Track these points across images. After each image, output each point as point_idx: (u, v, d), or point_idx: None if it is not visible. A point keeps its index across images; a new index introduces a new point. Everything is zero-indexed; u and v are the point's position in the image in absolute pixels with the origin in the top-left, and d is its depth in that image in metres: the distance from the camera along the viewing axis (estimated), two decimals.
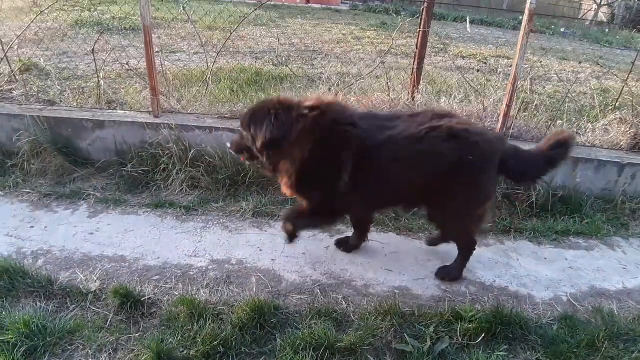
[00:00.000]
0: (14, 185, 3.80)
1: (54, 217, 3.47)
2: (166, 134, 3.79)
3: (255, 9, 5.88)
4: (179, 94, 4.56)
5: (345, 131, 2.65)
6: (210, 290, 2.82)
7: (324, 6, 16.23)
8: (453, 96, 4.81)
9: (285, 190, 2.87)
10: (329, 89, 4.56)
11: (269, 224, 3.53)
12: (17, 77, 5.06)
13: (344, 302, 2.82)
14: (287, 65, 5.89)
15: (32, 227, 3.35)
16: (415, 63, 4.48)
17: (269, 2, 14.34)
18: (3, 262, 2.81)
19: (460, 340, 2.57)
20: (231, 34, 4.90)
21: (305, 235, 3.40)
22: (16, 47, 5.10)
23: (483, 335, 2.57)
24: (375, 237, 3.46)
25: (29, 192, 3.72)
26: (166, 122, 3.85)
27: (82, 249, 3.13)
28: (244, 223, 3.53)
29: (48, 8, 6.07)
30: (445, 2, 14.77)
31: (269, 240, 3.35)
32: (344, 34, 9.81)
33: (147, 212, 3.57)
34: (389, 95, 4.41)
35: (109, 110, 4.10)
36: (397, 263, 3.23)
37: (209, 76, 4.61)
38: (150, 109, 4.02)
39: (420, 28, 4.41)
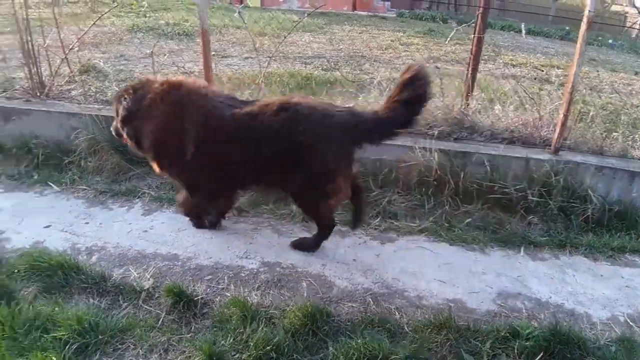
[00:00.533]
0: (70, 182, 3.86)
1: (109, 214, 3.49)
2: None
3: (307, 15, 5.82)
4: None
5: (190, 103, 2.79)
6: (261, 293, 2.75)
7: (370, 13, 16.14)
8: (508, 103, 4.62)
9: (153, 166, 3.03)
10: (380, 94, 4.44)
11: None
12: (76, 78, 5.20)
13: (396, 313, 2.70)
14: (337, 70, 5.83)
15: (87, 223, 3.38)
16: (470, 69, 4.32)
17: (316, 9, 14.41)
18: (58, 257, 2.83)
19: (518, 358, 2.40)
20: (285, 37, 4.86)
21: (355, 241, 3.31)
22: (76, 49, 5.23)
23: (541, 354, 2.40)
24: (428, 246, 3.33)
25: (85, 189, 3.77)
26: None
27: (136, 246, 3.13)
28: (293, 226, 3.46)
29: (107, 12, 6.19)
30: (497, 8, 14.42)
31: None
32: (391, 40, 9.68)
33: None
34: (442, 101, 4.26)
35: None
36: (451, 274, 3.08)
37: (261, 80, 4.58)
38: None
39: (475, 34, 4.24)
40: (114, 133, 3.10)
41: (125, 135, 2.97)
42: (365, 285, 2.91)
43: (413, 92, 2.74)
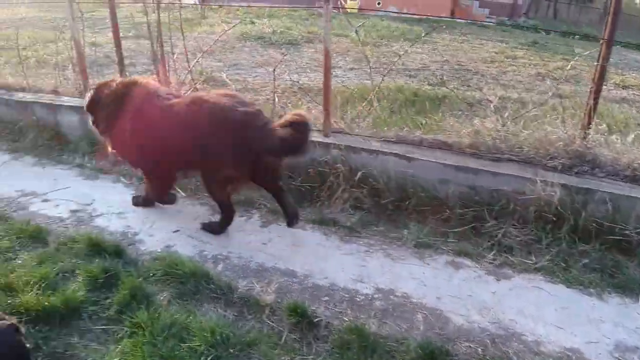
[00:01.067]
0: (195, 188, 4.09)
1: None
2: (335, 154, 3.82)
3: (431, 31, 5.72)
4: (341, 111, 4.59)
5: (132, 96, 3.43)
6: (378, 321, 2.74)
7: (469, 21, 15.64)
8: (629, 134, 4.24)
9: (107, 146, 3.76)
10: (498, 120, 4.25)
11: (431, 257, 3.38)
12: (198, 87, 5.48)
13: (515, 358, 2.58)
14: (445, 86, 5.70)
15: None
16: (591, 99, 4.02)
17: (414, 15, 14.13)
18: (190, 265, 3.00)
19: None
20: (399, 57, 4.81)
21: (470, 275, 3.21)
22: (200, 60, 5.50)
23: None
24: (544, 287, 3.15)
25: (207, 196, 3.97)
26: (335, 142, 3.89)
27: (256, 258, 3.25)
28: (405, 252, 3.42)
29: (234, 26, 6.45)
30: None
31: (432, 275, 3.19)
32: (495, 53, 9.32)
33: (312, 227, 3.61)
34: (564, 132, 4.00)
35: None
36: (568, 320, 2.88)
37: (372, 96, 4.57)
38: (320, 128, 4.09)
39: (599, 62, 3.94)
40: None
41: (90, 121, 3.77)
42: (482, 325, 2.81)
43: (297, 134, 3.13)
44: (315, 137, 4.02)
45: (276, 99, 4.74)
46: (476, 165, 3.74)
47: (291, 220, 3.48)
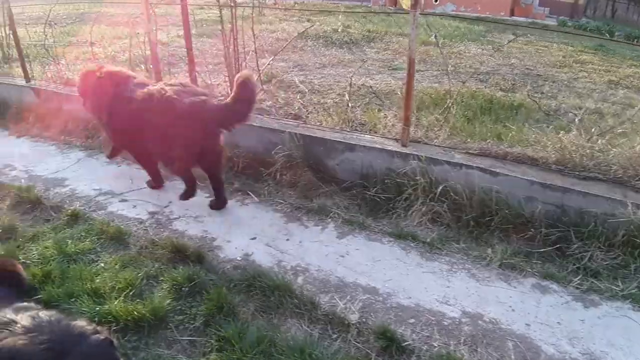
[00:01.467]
0: (267, 193, 4.04)
1: (306, 232, 3.58)
2: (414, 165, 3.68)
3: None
4: (414, 117, 4.43)
5: (110, 83, 3.86)
6: (469, 348, 2.60)
7: (529, 19, 15.05)
8: None
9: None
10: (580, 133, 3.99)
11: (517, 279, 3.19)
12: (264, 87, 5.44)
13: None
14: (518, 92, 5.43)
15: (288, 239, 3.49)
16: None
17: (472, 13, 13.73)
18: (275, 279, 2.94)
19: None
20: (480, 63, 4.59)
21: (557, 301, 3.01)
22: (268, 60, 5.46)
23: None
24: (633, 316, 2.91)
25: (281, 203, 3.92)
26: (414, 152, 3.74)
27: (335, 272, 3.16)
28: (490, 273, 3.24)
29: (311, 26, 6.37)
30: None
31: (519, 299, 3.01)
32: (563, 56, 8.87)
33: (390, 241, 3.49)
34: None
35: (358, 133, 4.14)
36: None
37: (450, 103, 4.39)
38: (397, 137, 3.96)
39: None
40: None
41: (84, 106, 4.21)
42: (572, 355, 2.61)
43: (246, 95, 3.47)
44: (391, 146, 3.90)
45: (348, 102, 4.62)
46: (564, 183, 3.52)
47: (214, 205, 3.89)
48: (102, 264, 3.16)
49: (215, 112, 3.53)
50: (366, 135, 4.11)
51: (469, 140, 4.01)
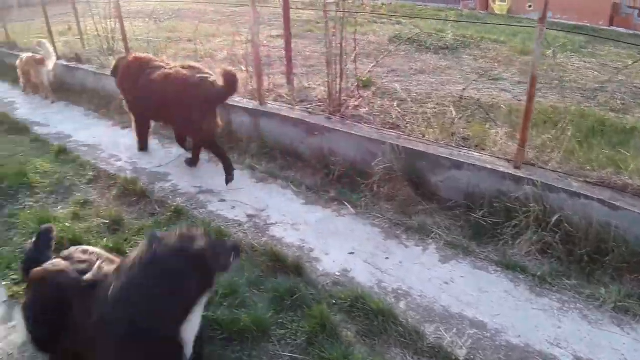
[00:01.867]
0: (364, 205, 3.90)
1: (406, 252, 3.40)
2: (528, 190, 3.38)
3: None
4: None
5: (134, 66, 4.70)
6: None
7: (630, 32, 13.79)
8: None
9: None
10: None
11: (630, 325, 2.82)
12: (359, 93, 5.29)
13: None
14: (630, 113, 4.91)
15: (387, 258, 3.33)
16: None
17: (568, 21, 12.80)
18: (378, 303, 2.79)
19: None
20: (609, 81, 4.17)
21: None
22: (360, 63, 5.28)
23: None
24: None
25: (379, 217, 3.77)
26: (529, 176, 3.44)
27: (440, 300, 2.96)
28: (602, 315, 2.90)
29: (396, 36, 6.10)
30: None
31: (632, 347, 2.65)
32: None
33: (497, 271, 3.23)
34: None
35: (465, 150, 3.88)
36: None
37: (565, 123, 4.02)
38: (509, 157, 3.67)
39: None
40: None
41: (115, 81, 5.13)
42: None
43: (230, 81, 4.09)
44: (504, 167, 3.61)
45: (453, 113, 4.37)
46: None
47: (228, 178, 4.32)
48: None
49: (215, 86, 4.19)
50: (474, 153, 3.84)
51: (586, 166, 3.63)
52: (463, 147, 3.97)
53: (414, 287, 3.06)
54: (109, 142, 5.69)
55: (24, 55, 7.60)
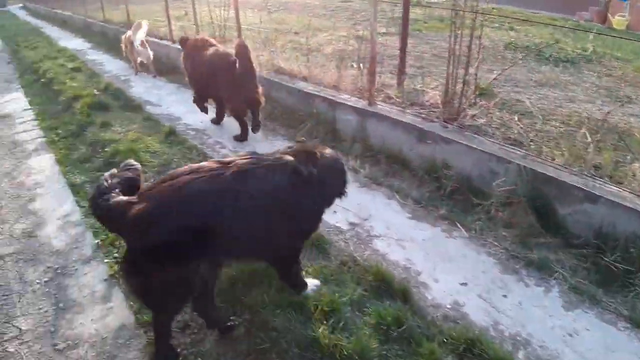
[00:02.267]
0: (479, 229, 3.49)
1: (526, 291, 2.96)
2: None
3: None
4: None
5: (193, 47, 5.58)
6: None
7: None
8: None
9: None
10: None
11: None
12: (477, 101, 4.82)
13: None
14: None
15: (505, 296, 2.92)
16: None
17: None
18: (498, 351, 2.41)
19: None
20: None
21: None
22: (477, 68, 4.79)
23: None
24: None
25: (495, 245, 3.34)
26: None
27: (563, 354, 2.47)
28: None
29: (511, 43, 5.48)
30: None
31: None
32: None
33: (627, 328, 2.66)
34: None
35: (600, 181, 3.33)
36: None
37: None
38: None
39: None
40: None
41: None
42: None
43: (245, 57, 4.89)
44: None
45: (588, 137, 3.81)
46: None
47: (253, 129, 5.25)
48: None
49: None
50: (612, 187, 3.28)
51: None
52: (595, 176, 3.42)
53: (534, 335, 2.63)
54: (215, 128, 5.72)
55: (128, 33, 8.44)
